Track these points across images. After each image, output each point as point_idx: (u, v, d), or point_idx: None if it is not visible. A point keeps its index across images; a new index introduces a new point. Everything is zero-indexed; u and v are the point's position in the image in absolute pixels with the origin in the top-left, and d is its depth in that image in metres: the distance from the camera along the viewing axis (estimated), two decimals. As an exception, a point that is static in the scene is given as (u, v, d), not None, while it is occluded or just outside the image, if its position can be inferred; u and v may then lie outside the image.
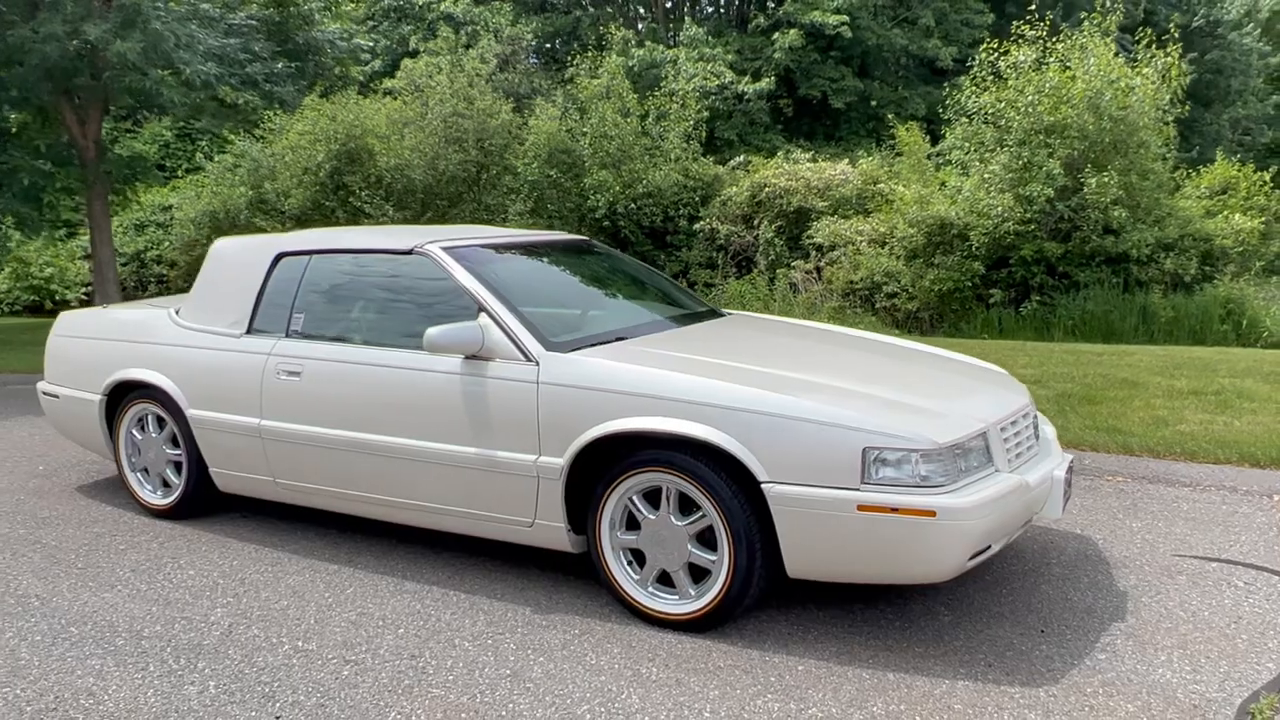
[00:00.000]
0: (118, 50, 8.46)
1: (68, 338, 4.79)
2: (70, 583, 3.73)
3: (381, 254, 3.96)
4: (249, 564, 3.89)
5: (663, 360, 3.31)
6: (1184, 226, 11.08)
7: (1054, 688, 2.78)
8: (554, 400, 3.28)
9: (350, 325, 3.90)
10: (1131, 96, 10.51)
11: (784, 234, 14.05)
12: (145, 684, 2.92)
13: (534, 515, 3.40)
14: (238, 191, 17.38)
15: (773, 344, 3.84)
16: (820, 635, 3.15)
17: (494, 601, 3.47)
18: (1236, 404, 5.93)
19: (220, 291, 4.29)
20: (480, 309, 3.55)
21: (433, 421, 3.53)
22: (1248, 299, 10.57)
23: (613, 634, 3.19)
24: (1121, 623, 3.20)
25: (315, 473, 3.87)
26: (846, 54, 19.44)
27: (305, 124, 16.16)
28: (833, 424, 2.91)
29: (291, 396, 3.87)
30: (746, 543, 3.02)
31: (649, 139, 15.19)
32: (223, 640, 3.20)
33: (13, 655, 3.12)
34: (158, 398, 4.35)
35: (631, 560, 3.30)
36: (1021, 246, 10.91)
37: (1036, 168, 10.60)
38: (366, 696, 2.82)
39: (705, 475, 3.04)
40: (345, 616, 3.37)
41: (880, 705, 2.71)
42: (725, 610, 3.10)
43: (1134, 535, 4.01)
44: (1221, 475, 4.74)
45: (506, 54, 17.96)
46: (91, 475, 5.28)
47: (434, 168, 15.47)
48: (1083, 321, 10.70)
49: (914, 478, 2.85)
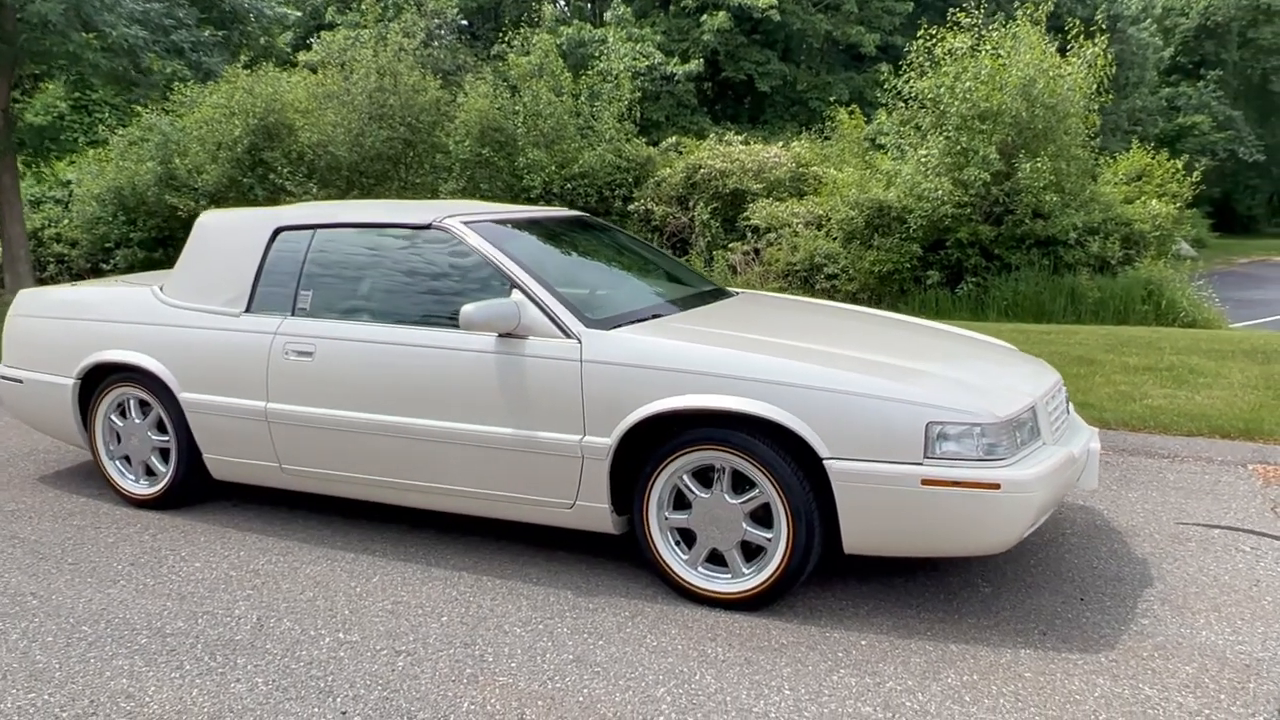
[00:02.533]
0: (37, 10, 7.88)
1: (31, 318, 4.45)
2: (65, 579, 3.48)
3: (394, 228, 3.80)
4: (257, 554, 3.70)
5: (711, 338, 3.27)
6: (1106, 211, 11.57)
7: (1111, 653, 2.86)
8: (600, 378, 3.21)
9: (365, 302, 3.72)
10: (1062, 84, 10.89)
11: (719, 215, 14.11)
12: (186, 683, 2.74)
13: (575, 497, 3.32)
14: (145, 167, 16.52)
15: (806, 321, 3.83)
16: (872, 610, 3.17)
17: (531, 586, 3.38)
18: (1191, 379, 6.22)
19: (212, 268, 4.05)
20: (513, 285, 3.44)
21: (465, 402, 3.41)
22: (1166, 281, 11.10)
23: (665, 615, 3.15)
24: (1151, 589, 3.32)
25: (330, 457, 3.70)
26: (771, 38, 19.60)
27: (220, 96, 15.46)
28: (896, 399, 2.92)
29: (303, 378, 3.68)
30: (805, 519, 3.01)
31: (582, 119, 15.04)
32: (255, 635, 3.04)
33: (26, 658, 2.89)
34: (142, 381, 4.08)
35: (679, 540, 3.26)
36: (957, 229, 11.22)
37: (973, 152, 10.89)
38: (431, 687, 2.71)
39: (763, 453, 3.02)
40: (380, 606, 3.24)
41: (954, 676, 2.74)
42: (781, 588, 3.09)
43: (1134, 506, 4.16)
44: (1196, 447, 4.96)
45: (432, 28, 17.50)
46: (51, 464, 4.94)
47: (359, 144, 14.99)
48: (1015, 302, 11.07)
49: (977, 451, 2.88)
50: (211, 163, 15.39)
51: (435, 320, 3.56)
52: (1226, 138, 32.87)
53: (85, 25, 8.50)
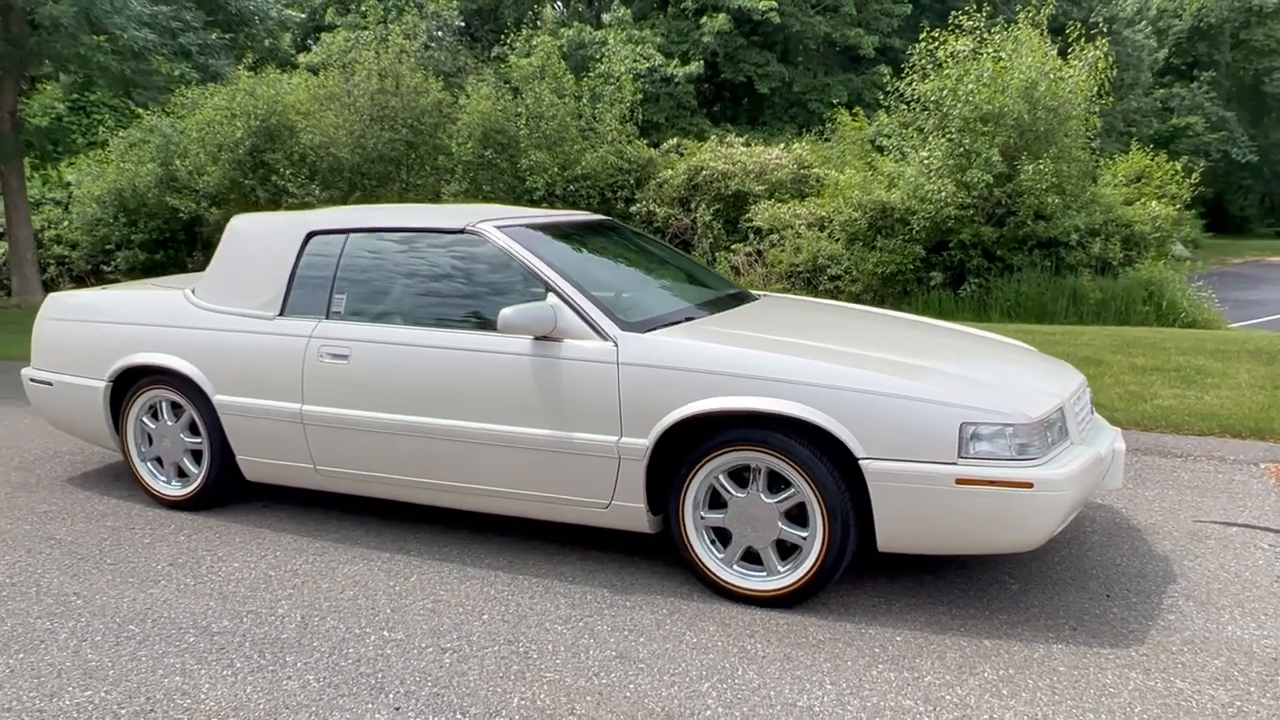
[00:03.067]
0: (49, 12, 7.90)
1: (61, 321, 4.50)
2: (107, 579, 3.53)
3: (428, 233, 3.85)
4: (294, 555, 3.75)
5: (745, 340, 3.33)
6: (1107, 213, 11.67)
7: (1141, 647, 2.94)
8: (636, 380, 3.27)
9: (399, 306, 3.78)
10: (1064, 87, 10.99)
11: (721, 217, 14.18)
12: (238, 680, 2.79)
13: (611, 497, 3.38)
14: (146, 169, 16.53)
15: (833, 324, 3.90)
16: (904, 607, 3.24)
17: (568, 584, 3.44)
18: (1199, 380, 6.31)
19: (244, 272, 4.10)
20: (548, 289, 3.50)
21: (501, 404, 3.47)
22: (1167, 282, 11.20)
23: (702, 613, 3.21)
24: (1174, 585, 3.39)
25: (365, 459, 3.75)
26: (770, 40, 19.69)
27: (221, 98, 15.47)
28: (930, 400, 2.99)
29: (338, 380, 3.74)
30: (841, 518, 3.07)
31: (583, 120, 15.09)
32: (301, 633, 3.09)
33: (78, 656, 2.94)
34: (175, 384, 4.13)
35: (714, 539, 3.32)
36: (960, 231, 11.30)
37: (975, 155, 10.98)
38: (480, 683, 2.77)
39: (799, 453, 3.08)
40: (421, 605, 3.29)
41: (990, 670, 2.81)
42: (816, 585, 3.16)
43: (1150, 504, 4.24)
44: (1208, 446, 5.04)
45: (433, 30, 17.54)
46: (77, 466, 4.99)
47: (361, 146, 15.02)
48: (1017, 303, 11.16)
49: (1009, 451, 2.95)
50: (212, 164, 15.41)
51: (470, 323, 3.62)
52: (1220, 138, 33.09)
53: (94, 28, 8.52)
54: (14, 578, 3.56)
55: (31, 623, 3.18)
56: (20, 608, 3.29)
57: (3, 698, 2.71)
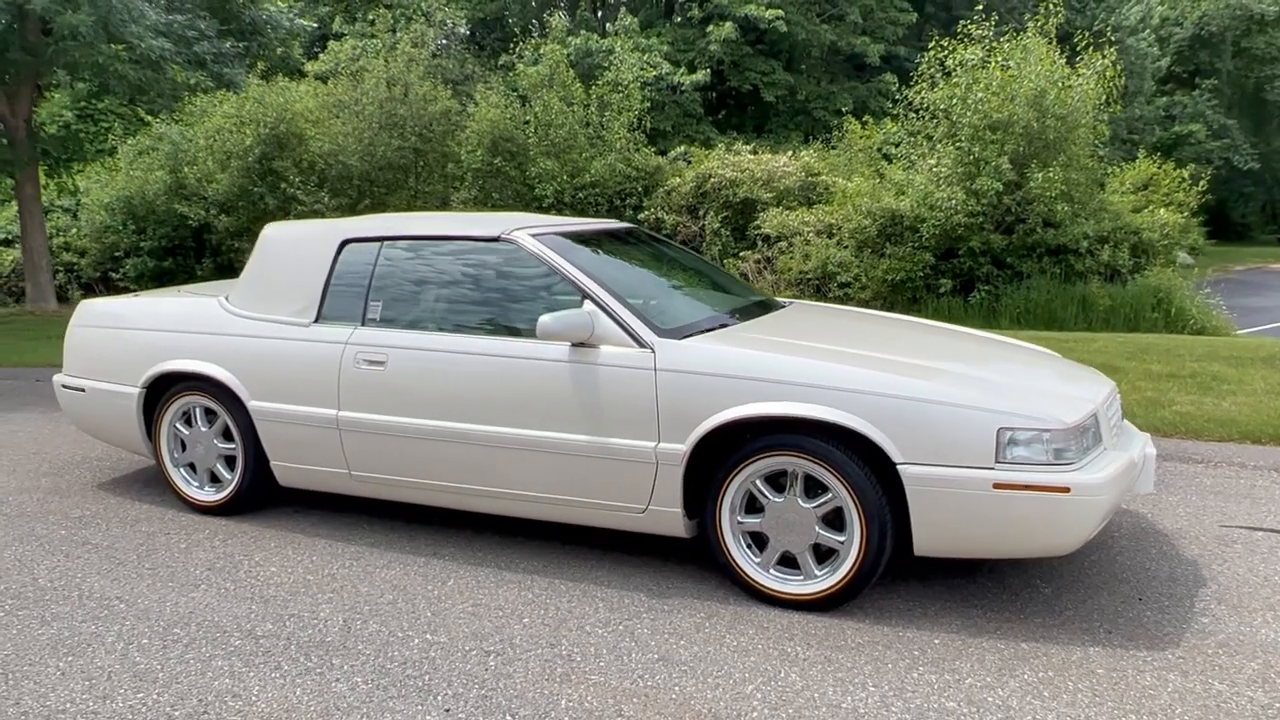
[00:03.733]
0: (68, 22, 7.96)
1: (93, 328, 4.54)
2: (147, 583, 3.56)
3: (462, 240, 3.90)
4: (330, 559, 3.79)
5: (781, 346, 3.38)
6: (1116, 220, 11.73)
7: (1177, 650, 2.97)
8: (674, 386, 3.31)
9: (434, 313, 3.82)
10: (1072, 95, 11.05)
11: (730, 224, 14.24)
12: (287, 683, 2.83)
13: (648, 501, 3.42)
14: (154, 176, 16.61)
15: (864, 330, 3.94)
16: (939, 610, 3.28)
17: (605, 589, 3.47)
18: (1215, 386, 6.35)
19: (279, 279, 4.14)
20: (584, 296, 3.55)
21: (539, 410, 3.51)
22: (1175, 289, 11.26)
23: (740, 616, 3.24)
24: (1205, 589, 3.43)
25: (401, 464, 3.79)
26: (775, 48, 19.77)
27: (230, 106, 15.54)
28: (967, 406, 3.03)
29: (375, 386, 3.78)
30: (879, 522, 3.11)
31: (591, 128, 15.16)
32: (345, 636, 3.12)
33: (126, 659, 2.98)
34: (209, 390, 4.17)
35: (750, 543, 3.36)
36: (970, 238, 11.36)
37: (985, 163, 11.04)
38: (526, 685, 2.80)
39: (837, 458, 3.12)
40: (460, 608, 3.33)
41: (1029, 673, 2.84)
42: (853, 589, 3.19)
43: (1176, 509, 4.28)
44: (1228, 452, 5.08)
45: (440, 39, 17.62)
46: (106, 472, 5.02)
47: (370, 154, 15.09)
48: (1027, 310, 11.21)
49: (1046, 456, 2.99)
50: (221, 172, 15.48)
51: (506, 330, 3.66)
52: (1221, 146, 33.18)
53: (111, 36, 8.58)
54: (54, 582, 3.59)
55: (77, 626, 3.21)
56: (65, 611, 3.33)
57: (56, 700, 2.74)
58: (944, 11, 21.17)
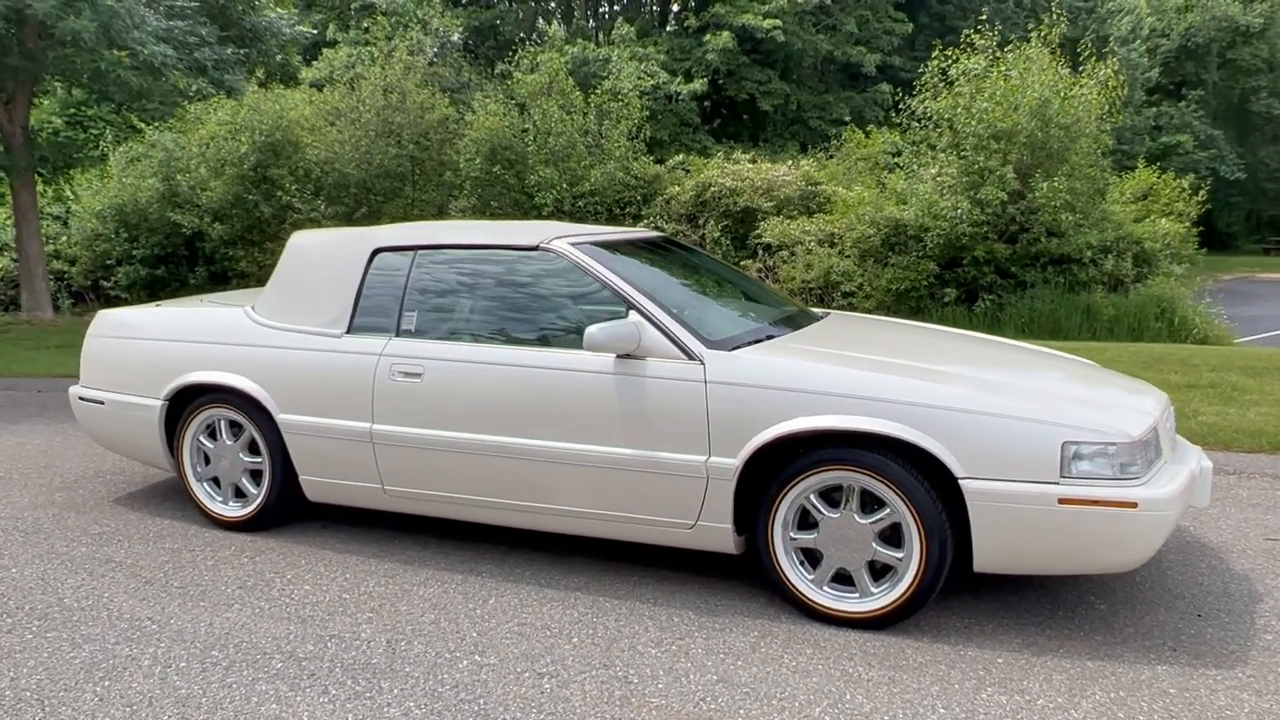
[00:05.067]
0: (70, 27, 7.83)
1: (112, 339, 4.42)
2: (177, 603, 3.45)
3: (499, 249, 3.82)
4: (364, 577, 3.69)
5: (833, 359, 3.30)
6: (1118, 230, 11.76)
7: (1246, 668, 2.91)
8: (726, 399, 3.23)
9: (472, 324, 3.73)
10: (1076, 105, 11.07)
11: (730, 233, 14.21)
12: (337, 709, 2.73)
13: (697, 517, 3.33)
14: (147, 183, 16.43)
15: (911, 341, 3.87)
16: (996, 628, 3.21)
17: (651, 606, 3.39)
18: (1236, 397, 6.32)
19: (308, 289, 4.04)
20: (629, 307, 3.47)
21: (583, 422, 3.42)
22: (1178, 298, 11.28)
23: (794, 635, 3.16)
24: (1261, 604, 3.37)
25: (438, 479, 3.69)
26: (770, 58, 19.79)
27: (225, 113, 15.40)
28: (1031, 419, 2.97)
29: (411, 399, 3.68)
30: (939, 539, 3.04)
31: (590, 137, 15.10)
32: (390, 658, 3.03)
33: (166, 684, 2.87)
34: (235, 402, 4.06)
35: (803, 560, 3.28)
36: (974, 248, 11.36)
37: (989, 172, 11.04)
38: (586, 709, 2.71)
39: (896, 473, 3.05)
40: (506, 628, 3.24)
41: (1100, 693, 2.77)
42: (912, 607, 3.12)
43: (1217, 522, 4.23)
44: (1260, 463, 5.05)
45: (437, 47, 17.54)
46: (121, 487, 4.90)
47: (367, 162, 14.98)
48: (1031, 319, 11.21)
49: (1111, 470, 2.93)
50: (215, 179, 15.33)
51: (547, 341, 3.58)
52: (1209, 156, 33.47)
53: (113, 42, 8.45)
54: (81, 601, 3.48)
55: (110, 648, 3.10)
56: (95, 633, 3.21)
57: (97, 727, 2.64)
58: (938, 22, 21.24)
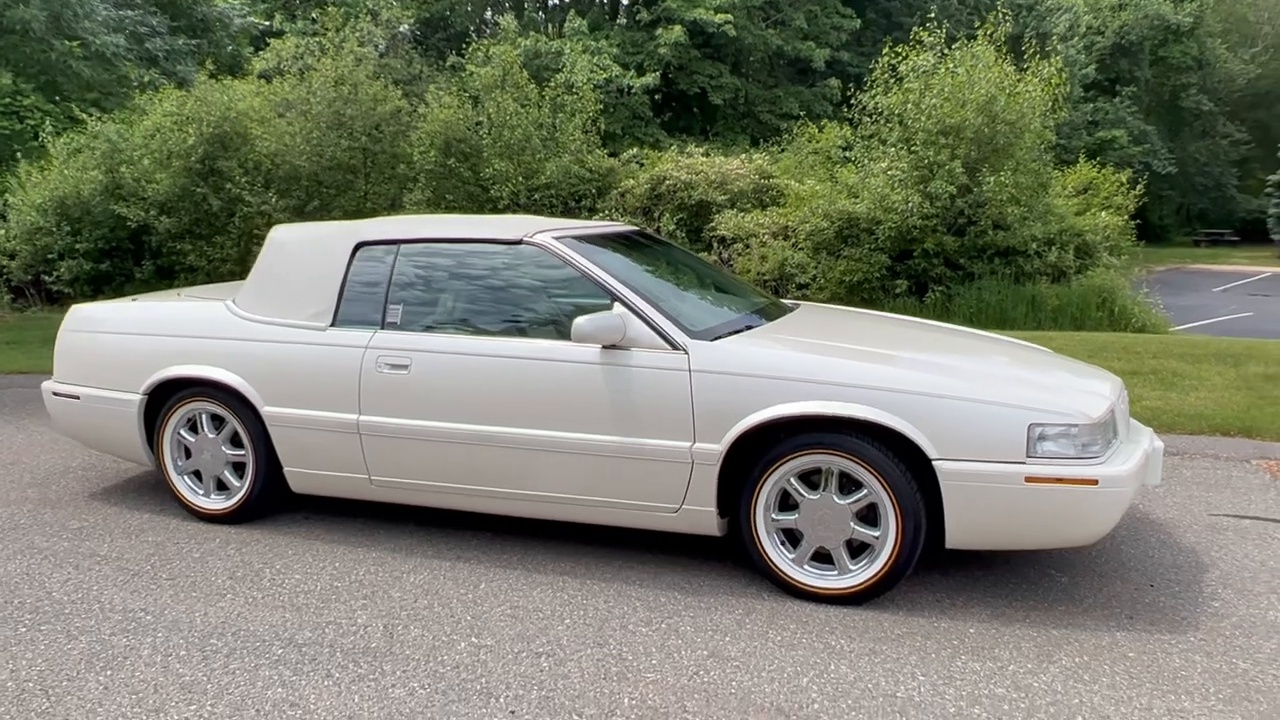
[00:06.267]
0: (19, 16, 7.66)
1: (87, 333, 4.41)
2: (169, 595, 3.48)
3: (482, 244, 3.89)
4: (353, 565, 3.75)
5: (812, 347, 3.46)
6: (1061, 222, 12.14)
7: (1198, 633, 3.13)
8: (710, 387, 3.36)
9: (457, 316, 3.81)
10: (1020, 101, 11.41)
11: (685, 226, 14.36)
12: (342, 691, 2.80)
13: (682, 501, 3.46)
14: (90, 175, 16.05)
15: (881, 331, 4.04)
16: (967, 601, 3.39)
17: (638, 589, 3.51)
18: (1177, 382, 6.64)
19: (291, 283, 4.08)
20: (614, 299, 3.58)
21: (569, 411, 3.53)
22: (1118, 289, 11.70)
23: (778, 611, 3.31)
24: (1208, 574, 3.61)
25: (426, 468, 3.77)
26: (721, 52, 19.98)
27: (171, 104, 15.11)
28: (999, 403, 3.14)
29: (399, 390, 3.75)
30: (914, 517, 3.21)
31: (544, 130, 15.13)
32: (389, 642, 3.11)
33: (169, 671, 2.92)
34: (217, 396, 4.09)
35: (784, 540, 3.43)
36: (924, 240, 11.64)
37: (939, 166, 11.33)
38: (585, 685, 2.83)
39: (873, 456, 3.21)
40: (499, 611, 3.33)
41: (1066, 658, 2.96)
42: (888, 583, 3.28)
43: (1164, 500, 4.48)
44: (1201, 445, 5.33)
45: (388, 39, 17.38)
46: (94, 481, 4.88)
47: (319, 154, 14.83)
48: (979, 310, 11.53)
49: (1074, 450, 3.12)
50: (161, 171, 15.04)
51: (530, 332, 3.67)
52: (1142, 151, 34.51)
53: (63, 32, 8.28)
54: (70, 595, 3.49)
55: (107, 639, 3.13)
56: (89, 625, 3.24)
57: (105, 715, 2.68)
58: (885, 18, 21.63)
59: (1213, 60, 38.18)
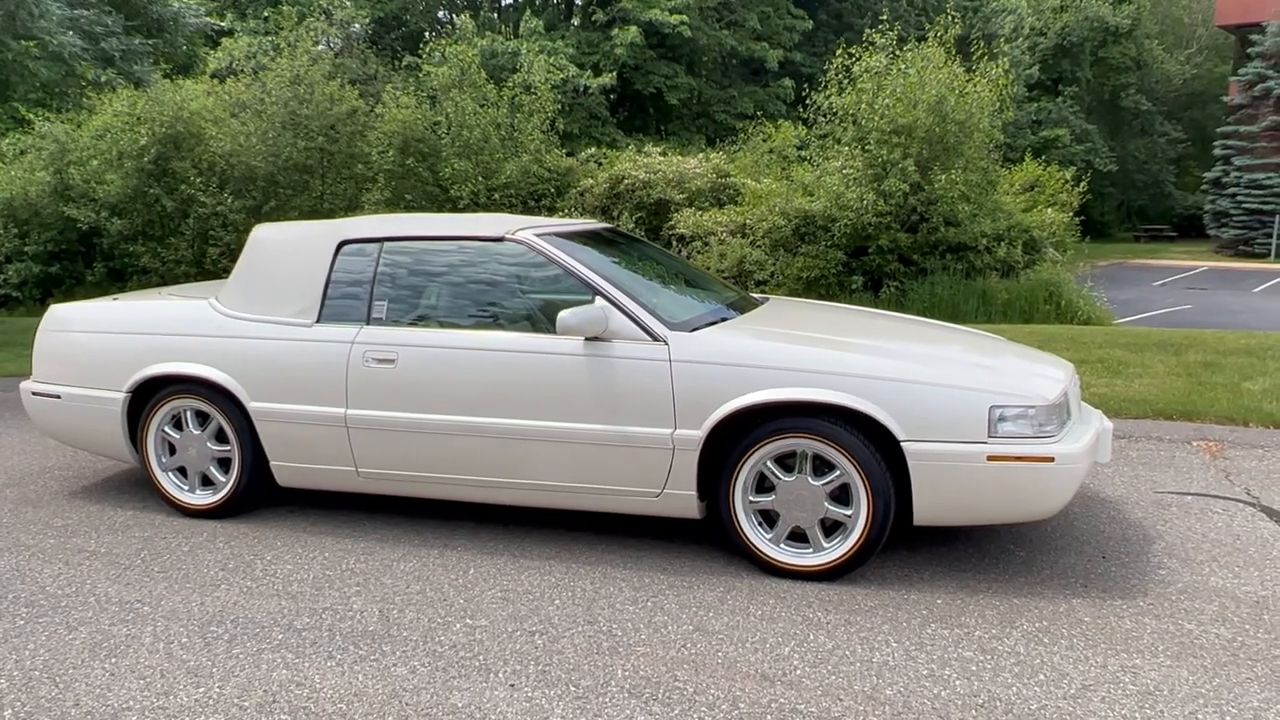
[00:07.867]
0: (-27, 18, 7.57)
1: (67, 333, 4.44)
2: (164, 586, 3.56)
3: (465, 240, 4.02)
4: (343, 555, 3.85)
5: (785, 337, 3.63)
6: (1009, 219, 12.53)
7: (1147, 598, 3.36)
8: (690, 376, 3.52)
9: (441, 311, 3.92)
10: (969, 101, 11.76)
11: (644, 225, 14.52)
12: (346, 671, 2.92)
13: (663, 485, 3.62)
14: (37, 176, 15.77)
15: (849, 322, 4.23)
16: (933, 575, 3.59)
17: (623, 570, 3.66)
18: (1122, 370, 6.95)
19: (275, 281, 4.16)
20: (595, 293, 3.72)
21: (554, 402, 3.66)
22: (1065, 283, 12.11)
23: (757, 588, 3.48)
24: (1155, 546, 3.86)
25: (414, 460, 3.88)
26: (676, 53, 20.19)
27: (122, 104, 14.90)
28: (962, 387, 3.35)
29: (386, 384, 3.86)
30: (884, 496, 3.40)
31: (502, 130, 15.20)
32: (385, 625, 3.22)
33: (173, 658, 3.00)
34: (202, 393, 4.15)
35: (761, 521, 3.60)
36: (878, 237, 11.94)
37: (892, 165, 11.64)
38: (579, 659, 2.97)
39: (845, 439, 3.40)
40: (490, 594, 3.46)
41: (1027, 624, 3.18)
42: (861, 559, 3.47)
43: (1112, 479, 4.74)
44: (1145, 428, 5.62)
45: (342, 39, 17.30)
46: (72, 480, 4.90)
47: (275, 154, 14.74)
48: (932, 304, 11.85)
49: (1031, 430, 3.34)
50: (112, 172, 14.83)
51: (513, 326, 3.80)
52: (1084, 149, 35.45)
53: (18, 33, 8.20)
54: (65, 588, 3.55)
55: (107, 629, 3.20)
56: (88, 616, 3.31)
57: (116, 699, 2.76)
58: (836, 19, 22.02)
59: (1150, 61, 39.37)
